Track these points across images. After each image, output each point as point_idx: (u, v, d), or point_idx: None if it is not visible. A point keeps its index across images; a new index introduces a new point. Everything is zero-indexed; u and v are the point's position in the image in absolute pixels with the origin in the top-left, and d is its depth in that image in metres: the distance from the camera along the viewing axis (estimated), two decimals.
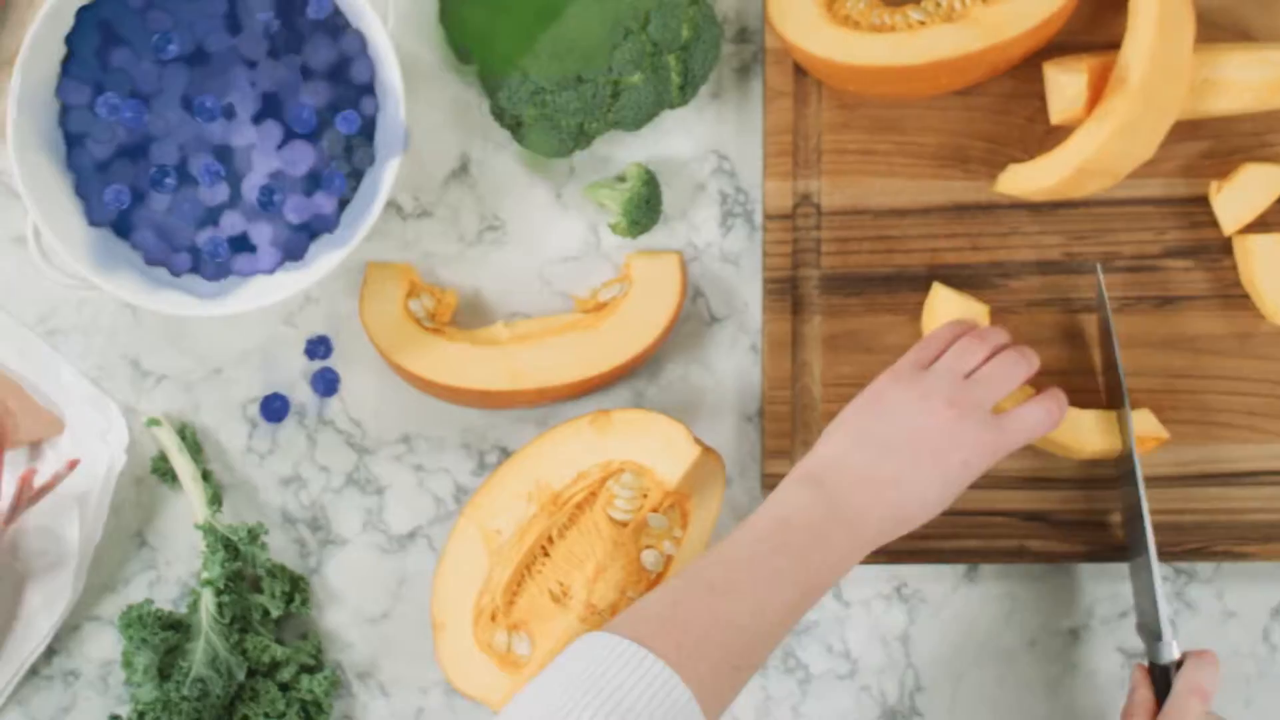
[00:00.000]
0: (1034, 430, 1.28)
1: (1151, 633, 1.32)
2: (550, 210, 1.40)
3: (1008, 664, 1.42)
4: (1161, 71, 1.32)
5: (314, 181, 1.32)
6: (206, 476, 1.39)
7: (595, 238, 1.40)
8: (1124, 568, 1.42)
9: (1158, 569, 1.33)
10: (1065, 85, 1.33)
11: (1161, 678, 1.31)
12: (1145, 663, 1.33)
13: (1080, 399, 1.39)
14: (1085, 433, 1.37)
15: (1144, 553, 1.33)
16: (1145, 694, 1.30)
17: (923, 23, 1.34)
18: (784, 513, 1.24)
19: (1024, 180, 1.35)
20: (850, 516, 1.24)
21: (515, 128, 1.36)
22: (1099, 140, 1.32)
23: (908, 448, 1.25)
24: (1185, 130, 1.38)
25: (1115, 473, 1.38)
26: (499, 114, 1.36)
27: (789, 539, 1.23)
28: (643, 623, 1.18)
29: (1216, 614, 1.42)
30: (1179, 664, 1.30)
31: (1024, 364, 1.31)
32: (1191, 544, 1.39)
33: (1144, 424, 1.37)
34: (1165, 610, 1.32)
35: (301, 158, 1.31)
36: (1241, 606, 1.42)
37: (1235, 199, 1.38)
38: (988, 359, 1.30)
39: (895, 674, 1.42)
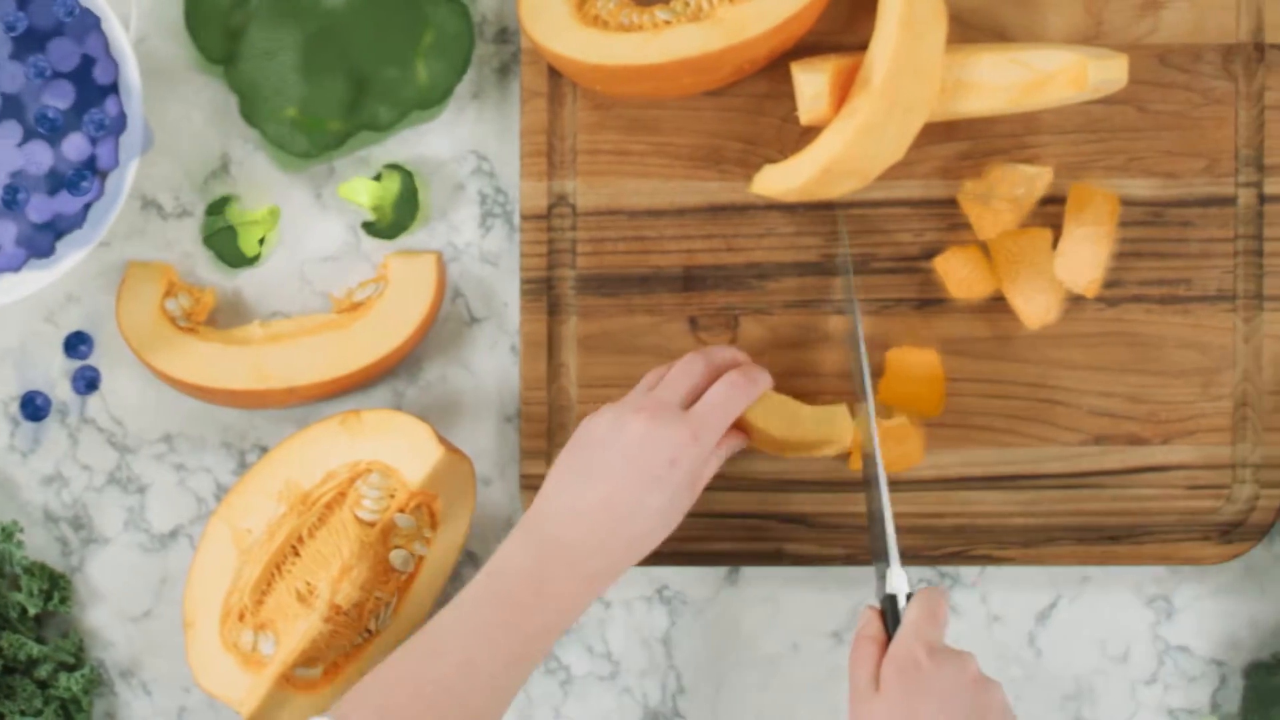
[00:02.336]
0: (727, 406, 1.28)
1: (883, 575, 1.29)
2: (310, 210, 1.40)
3: (770, 667, 1.41)
4: (907, 72, 1.31)
5: (57, 181, 1.32)
6: None
7: (355, 238, 1.41)
8: None
9: (885, 491, 1.30)
10: (805, 85, 1.33)
11: (892, 614, 1.27)
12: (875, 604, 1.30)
13: (836, 401, 1.38)
14: (833, 430, 1.37)
15: (883, 543, 1.30)
16: (875, 625, 1.26)
17: (669, 22, 1.34)
18: (497, 566, 1.26)
19: (775, 181, 1.35)
20: (566, 553, 1.25)
21: (265, 129, 1.36)
22: (843, 140, 1.31)
23: (613, 466, 1.26)
24: (941, 132, 1.38)
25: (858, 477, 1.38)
26: (248, 115, 1.36)
27: (500, 589, 1.24)
28: (349, 699, 1.22)
29: (982, 618, 1.41)
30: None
31: (699, 360, 1.31)
32: (951, 548, 1.39)
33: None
34: (894, 540, 1.28)
35: (43, 157, 1.31)
36: (1006, 611, 1.41)
37: (989, 200, 1.37)
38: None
39: (657, 676, 1.41)
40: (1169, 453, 1.39)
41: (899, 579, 1.27)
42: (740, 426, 1.35)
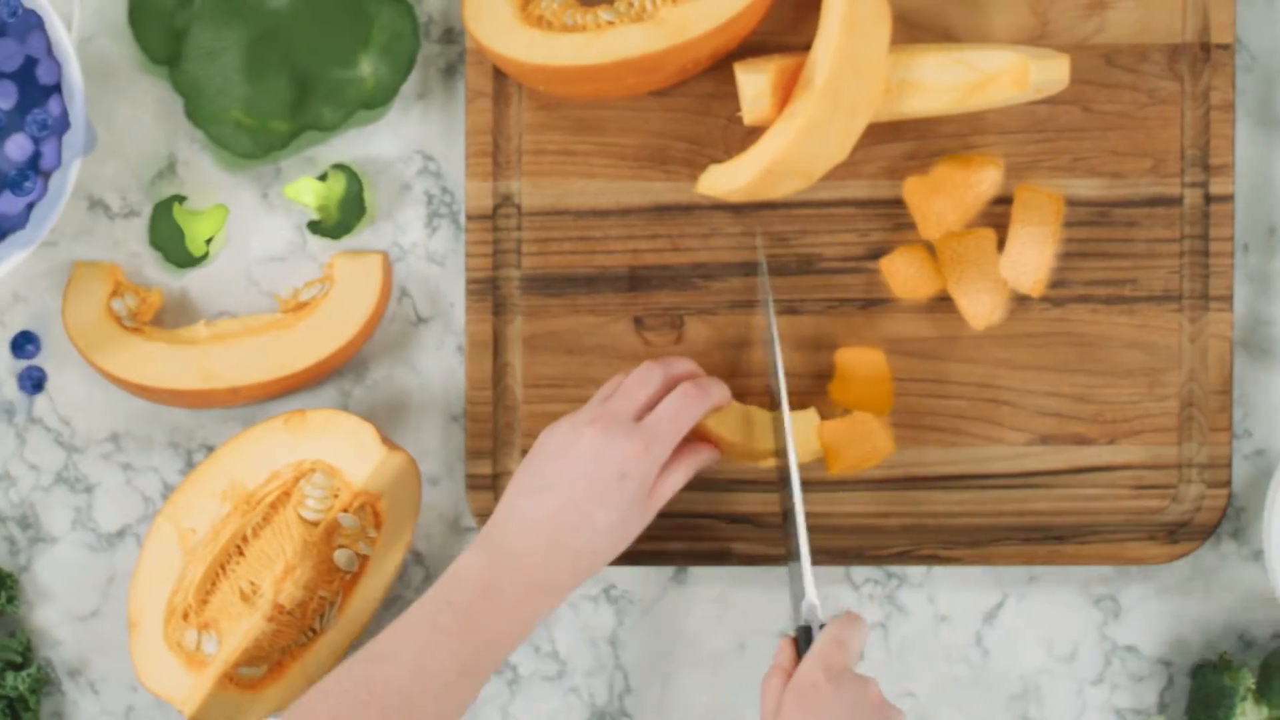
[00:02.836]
0: (679, 418, 1.28)
1: (798, 602, 1.30)
2: (257, 210, 1.40)
3: (717, 666, 1.41)
4: (850, 72, 1.31)
5: (0, 181, 1.32)
6: None
7: (302, 238, 1.41)
8: (836, 571, 1.41)
9: (801, 511, 1.31)
10: (746, 85, 1.33)
11: (806, 643, 1.29)
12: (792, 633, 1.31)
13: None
14: (801, 436, 1.37)
15: (795, 538, 1.31)
16: (788, 654, 1.27)
17: (612, 23, 1.34)
18: (453, 574, 1.26)
19: (719, 181, 1.35)
20: (518, 564, 1.26)
21: (209, 129, 1.36)
22: (786, 141, 1.31)
23: (564, 478, 1.26)
24: (887, 132, 1.38)
25: (809, 476, 1.38)
26: (193, 116, 1.36)
27: (453, 597, 1.25)
28: (304, 701, 1.23)
29: (929, 618, 1.41)
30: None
31: (657, 369, 1.31)
32: (897, 548, 1.39)
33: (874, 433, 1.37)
34: (809, 572, 1.30)
35: None
36: (953, 610, 1.41)
37: (934, 200, 1.37)
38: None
39: (604, 675, 1.42)
40: (1115, 453, 1.39)
41: (811, 610, 1.28)
42: (707, 439, 1.36)
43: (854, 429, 1.37)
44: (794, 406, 1.38)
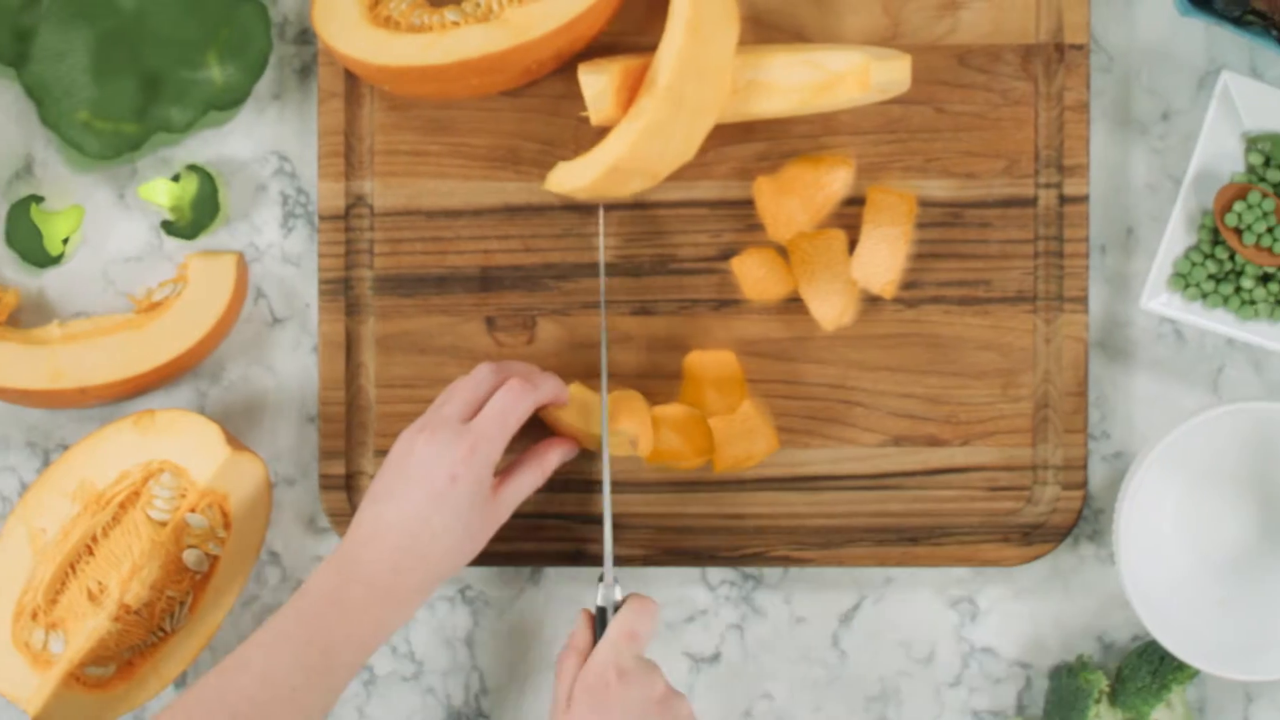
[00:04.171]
0: (505, 416, 1.29)
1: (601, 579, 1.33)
2: (114, 210, 1.41)
3: None
4: (693, 74, 1.31)
5: None
6: None
7: (158, 239, 1.41)
8: (691, 572, 1.41)
9: (609, 501, 1.33)
10: (587, 85, 1.33)
11: (604, 623, 1.31)
12: (593, 609, 1.32)
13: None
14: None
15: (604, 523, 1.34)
16: (584, 636, 1.30)
17: (457, 24, 1.34)
18: (305, 588, 1.28)
19: (566, 179, 1.35)
20: (366, 571, 1.27)
21: (60, 130, 1.37)
22: (629, 141, 1.31)
23: (402, 487, 1.28)
24: (738, 133, 1.38)
25: (665, 478, 1.38)
26: (43, 117, 1.37)
27: (303, 608, 1.27)
28: (160, 716, 1.24)
29: (786, 619, 1.41)
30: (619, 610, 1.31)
31: (487, 370, 1.31)
32: (750, 549, 1.38)
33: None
34: (610, 551, 1.32)
35: None
36: (810, 612, 1.41)
37: (784, 201, 1.37)
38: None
39: (461, 676, 1.42)
40: (969, 454, 1.38)
41: (608, 592, 1.31)
42: (562, 432, 1.36)
43: (734, 426, 1.37)
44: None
